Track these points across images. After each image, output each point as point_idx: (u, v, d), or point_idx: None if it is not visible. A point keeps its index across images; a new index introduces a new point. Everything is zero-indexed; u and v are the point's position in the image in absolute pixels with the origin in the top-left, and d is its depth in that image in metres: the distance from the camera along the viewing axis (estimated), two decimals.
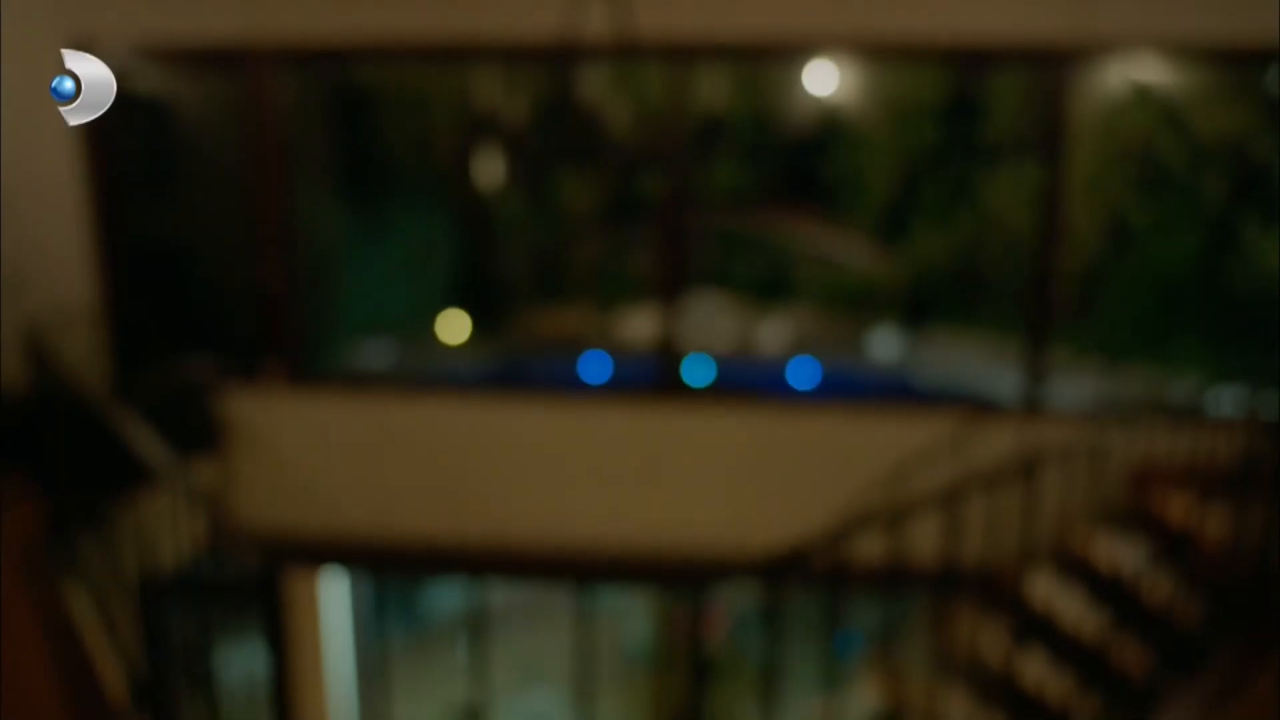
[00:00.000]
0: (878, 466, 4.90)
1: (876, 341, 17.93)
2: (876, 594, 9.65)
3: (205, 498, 5.08)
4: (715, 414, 5.11)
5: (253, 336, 5.32)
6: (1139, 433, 4.76)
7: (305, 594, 5.78)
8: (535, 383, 15.27)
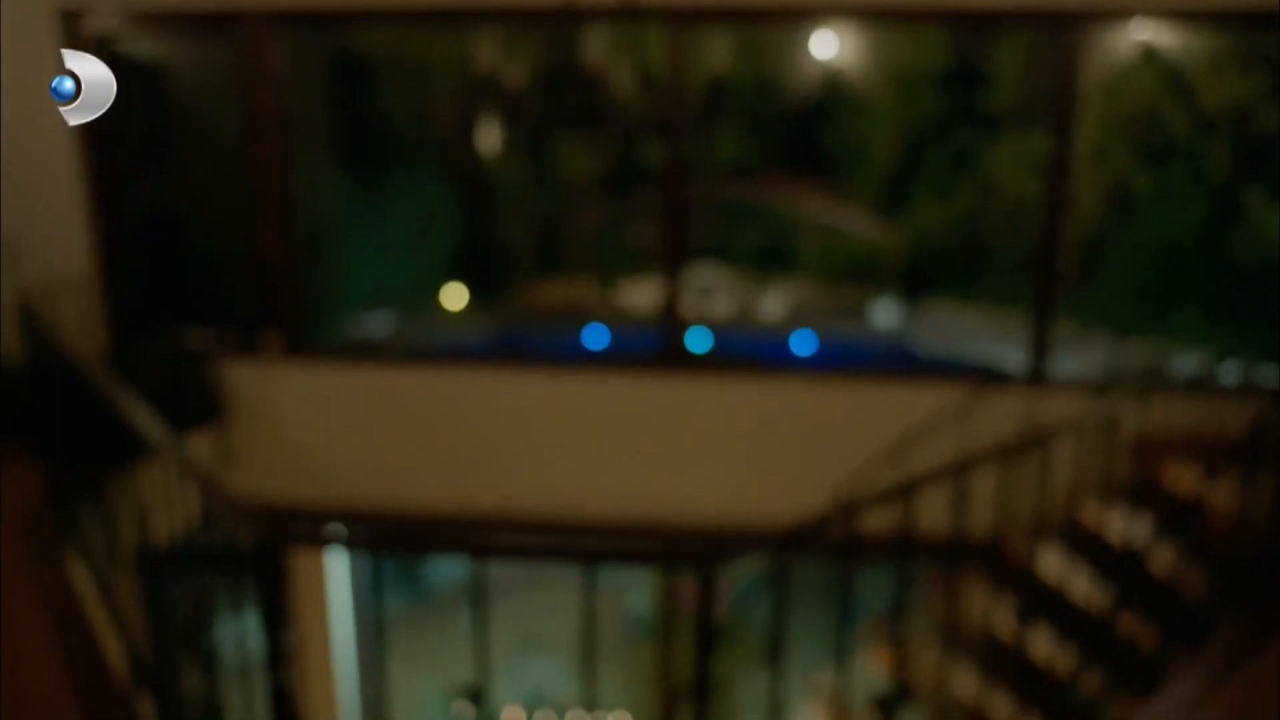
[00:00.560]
0: (881, 437, 4.88)
1: (878, 312, 17.88)
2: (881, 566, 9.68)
3: (204, 469, 5.10)
4: (718, 384, 5.08)
5: (252, 307, 5.28)
6: (1144, 404, 4.74)
7: (308, 565, 5.77)
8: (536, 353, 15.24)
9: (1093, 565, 2.64)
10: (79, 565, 3.27)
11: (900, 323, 18.00)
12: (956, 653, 4.21)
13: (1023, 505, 4.78)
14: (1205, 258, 13.44)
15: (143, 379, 4.40)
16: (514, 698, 8.80)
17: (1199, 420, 4.66)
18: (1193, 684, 2.65)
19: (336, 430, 5.29)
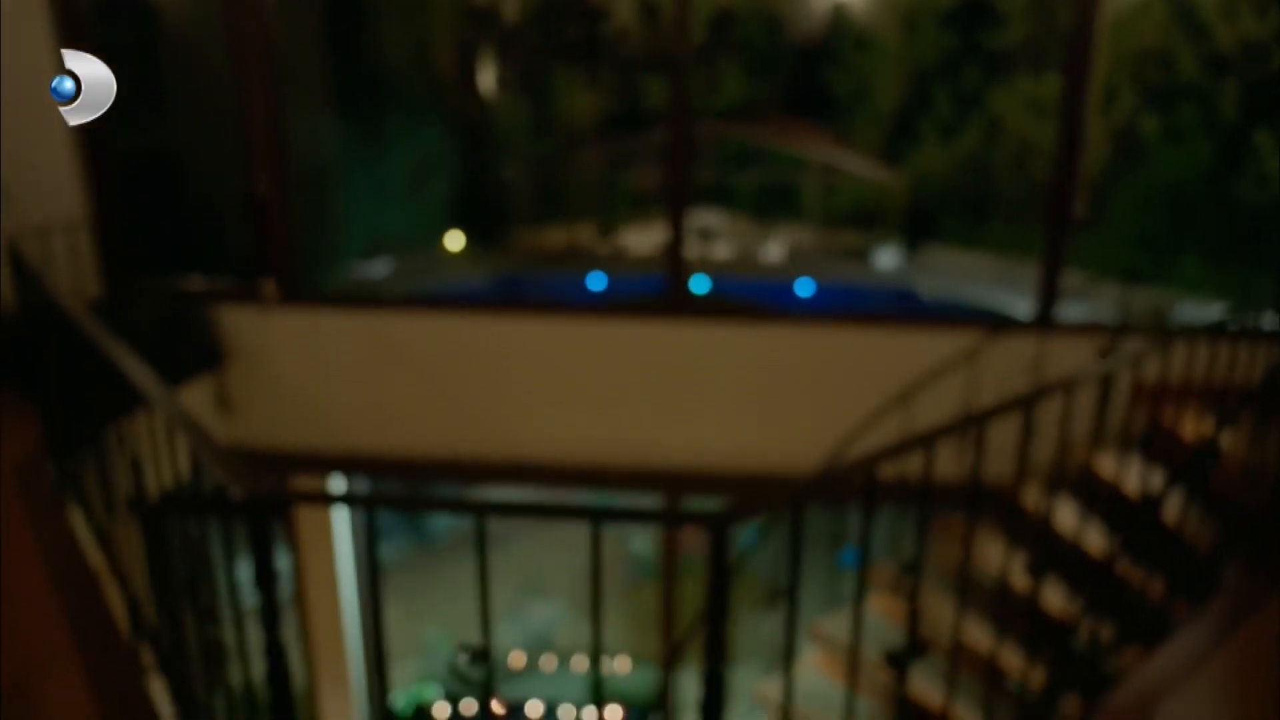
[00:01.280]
0: (886, 382, 4.83)
1: (880, 257, 17.80)
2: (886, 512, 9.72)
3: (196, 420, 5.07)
4: (721, 329, 5.02)
5: (249, 252, 5.18)
6: (1153, 350, 4.69)
7: (311, 511, 5.77)
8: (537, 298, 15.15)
9: (1101, 514, 2.61)
10: (77, 515, 3.25)
11: (903, 268, 17.93)
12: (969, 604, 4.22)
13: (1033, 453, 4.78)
14: (1213, 202, 13.32)
15: (138, 325, 4.35)
16: (517, 642, 8.91)
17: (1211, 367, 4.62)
18: (1200, 635, 2.63)
19: (336, 377, 5.24)
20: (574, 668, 8.59)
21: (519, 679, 8.49)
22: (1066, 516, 3.31)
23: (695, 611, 5.74)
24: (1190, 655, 2.52)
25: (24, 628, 2.53)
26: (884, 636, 4.44)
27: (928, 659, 3.96)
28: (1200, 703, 2.33)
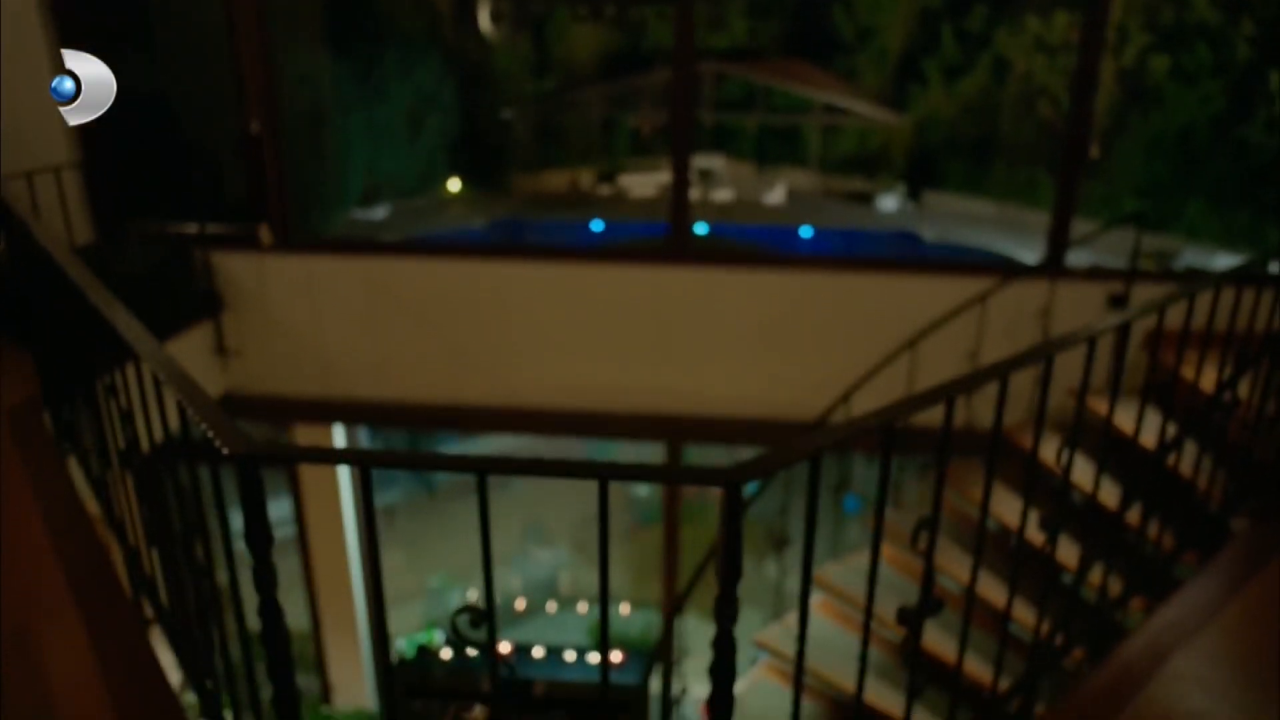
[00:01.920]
0: (892, 327, 4.78)
1: (885, 202, 17.62)
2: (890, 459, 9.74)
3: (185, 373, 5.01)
4: (725, 274, 4.94)
5: (244, 197, 5.08)
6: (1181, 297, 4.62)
7: None
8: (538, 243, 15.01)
9: (1111, 463, 2.57)
10: (74, 465, 3.21)
11: (906, 213, 17.77)
12: (962, 546, 4.21)
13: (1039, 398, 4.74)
14: (1222, 146, 13.11)
15: (132, 272, 4.28)
16: (520, 587, 8.97)
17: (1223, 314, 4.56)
18: (1210, 587, 2.61)
19: (335, 324, 5.18)
20: (577, 612, 8.67)
21: (522, 623, 8.57)
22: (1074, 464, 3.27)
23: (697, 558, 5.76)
24: (1200, 607, 2.50)
25: (23, 577, 2.51)
26: (889, 584, 4.47)
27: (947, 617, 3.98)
28: (1211, 655, 2.31)
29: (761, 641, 4.34)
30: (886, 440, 1.39)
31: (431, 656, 6.29)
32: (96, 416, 2.47)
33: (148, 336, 1.62)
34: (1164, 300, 2.10)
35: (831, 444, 1.25)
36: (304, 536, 6.12)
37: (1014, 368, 1.63)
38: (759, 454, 1.19)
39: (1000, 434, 1.73)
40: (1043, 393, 1.79)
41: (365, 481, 1.23)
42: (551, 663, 6.22)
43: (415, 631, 8.01)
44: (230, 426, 1.21)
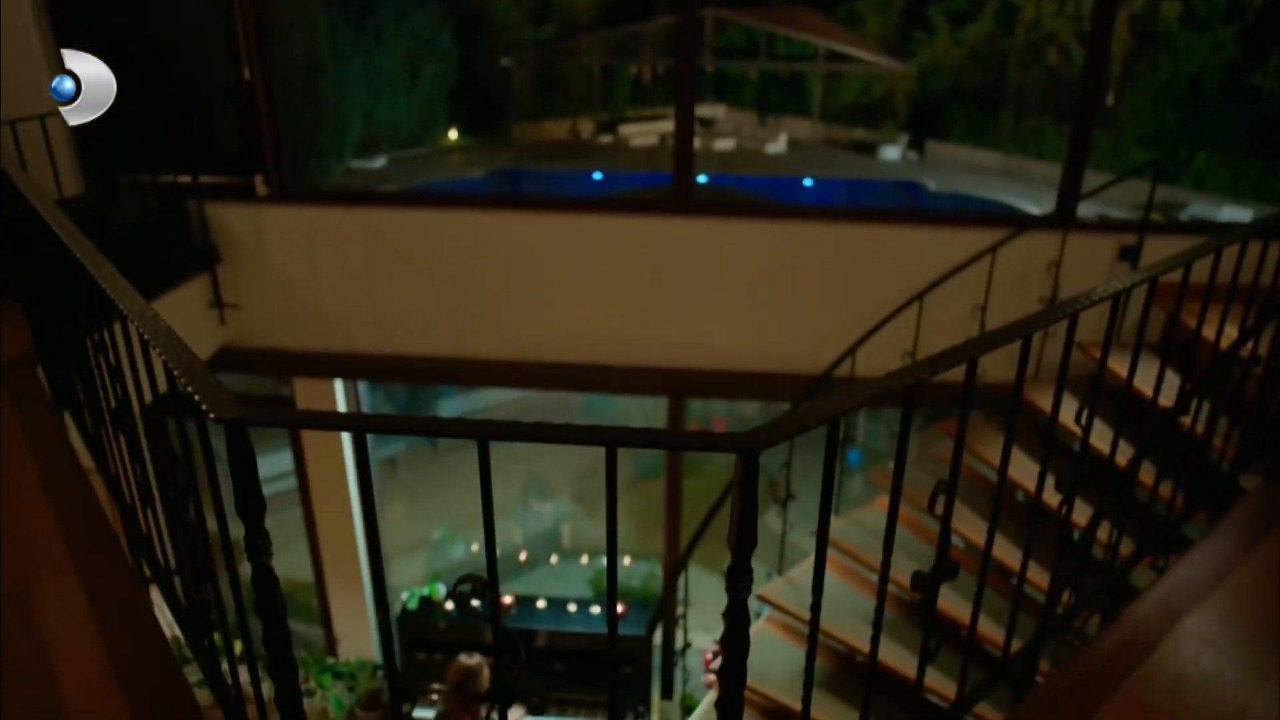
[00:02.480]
0: (897, 280, 4.72)
1: (888, 153, 17.40)
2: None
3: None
4: (729, 225, 4.85)
5: (239, 147, 4.97)
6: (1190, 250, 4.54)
7: (319, 399, 5.70)
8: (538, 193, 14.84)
9: (1122, 420, 2.52)
10: (70, 421, 3.16)
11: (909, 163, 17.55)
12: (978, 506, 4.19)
13: (1048, 355, 4.67)
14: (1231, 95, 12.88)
15: (124, 224, 4.19)
16: (522, 538, 9.00)
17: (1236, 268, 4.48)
18: (1221, 546, 2.57)
19: (333, 276, 5.10)
20: (579, 563, 8.71)
21: (524, 574, 8.62)
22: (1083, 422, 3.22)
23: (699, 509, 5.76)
24: (1211, 567, 2.46)
25: (19, 535, 2.47)
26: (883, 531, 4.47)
27: None
28: (1222, 615, 2.28)
29: (764, 596, 4.34)
30: (907, 403, 1.33)
31: (434, 608, 6.33)
32: (88, 373, 2.42)
33: (134, 294, 1.55)
34: (1192, 254, 2.03)
35: (851, 408, 1.20)
36: (305, 489, 6.10)
37: (1037, 326, 1.57)
38: (774, 418, 1.13)
39: (1020, 395, 1.66)
40: (1066, 352, 1.73)
41: (361, 448, 1.17)
42: (554, 614, 6.25)
43: (418, 582, 8.05)
44: (218, 389, 1.16)
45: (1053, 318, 1.61)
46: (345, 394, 5.81)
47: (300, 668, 6.36)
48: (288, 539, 7.59)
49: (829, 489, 1.29)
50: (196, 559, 1.80)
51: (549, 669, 6.11)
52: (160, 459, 1.83)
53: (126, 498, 2.41)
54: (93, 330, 2.16)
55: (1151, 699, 2.08)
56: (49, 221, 2.00)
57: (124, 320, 1.52)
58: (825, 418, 1.17)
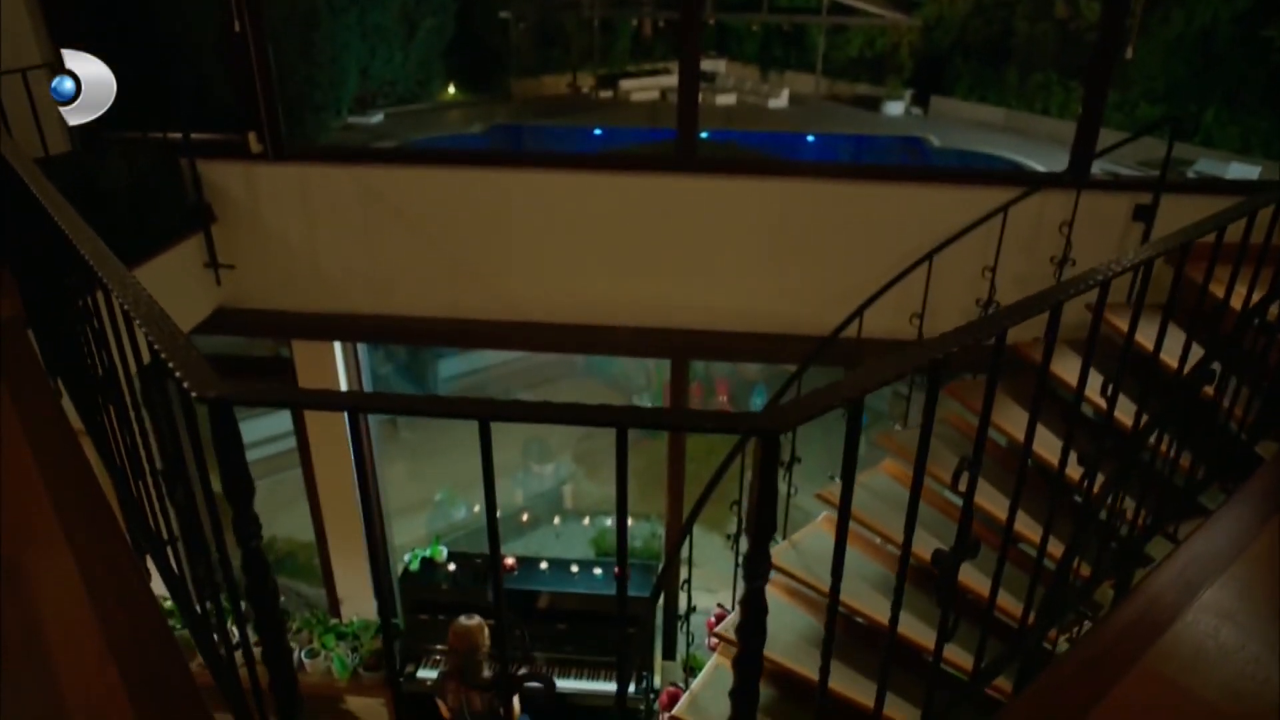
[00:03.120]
0: (905, 239, 4.62)
1: (892, 108, 17.14)
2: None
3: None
4: (735, 183, 4.74)
5: (232, 103, 4.83)
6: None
7: (316, 360, 5.64)
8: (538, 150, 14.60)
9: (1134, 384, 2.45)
10: (62, 389, 3.10)
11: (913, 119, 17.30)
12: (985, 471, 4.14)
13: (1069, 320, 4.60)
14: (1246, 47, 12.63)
15: (114, 183, 4.07)
16: (523, 499, 8.99)
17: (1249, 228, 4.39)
18: (1238, 516, 2.51)
19: (331, 236, 5.00)
20: (581, 524, 8.70)
21: (526, 534, 8.62)
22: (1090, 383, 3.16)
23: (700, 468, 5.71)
24: (1230, 537, 2.41)
25: (10, 504, 2.42)
26: (898, 501, 4.42)
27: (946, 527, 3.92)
28: (1241, 587, 2.23)
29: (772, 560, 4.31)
30: (934, 378, 1.26)
31: (436, 569, 6.32)
32: (75, 339, 2.34)
33: (115, 262, 1.47)
34: (1226, 216, 1.94)
35: (875, 384, 1.12)
36: (305, 449, 6.06)
37: (1069, 295, 1.49)
38: (795, 397, 1.05)
39: (1048, 368, 1.59)
40: (1095, 322, 1.65)
41: (354, 428, 1.10)
42: (556, 575, 6.24)
43: (420, 542, 8.05)
44: (201, 367, 1.08)
45: (1084, 285, 1.53)
46: (344, 355, 5.74)
47: (304, 628, 6.37)
48: (290, 498, 7.57)
49: (850, 467, 1.22)
50: (186, 532, 1.74)
51: (552, 630, 6.11)
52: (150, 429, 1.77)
53: (118, 464, 2.35)
54: (79, 296, 2.08)
55: (1171, 673, 2.04)
56: (30, 185, 1.91)
57: (105, 289, 1.44)
58: (848, 396, 1.10)
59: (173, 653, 2.15)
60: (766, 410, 1.03)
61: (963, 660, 3.40)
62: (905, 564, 1.51)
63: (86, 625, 2.11)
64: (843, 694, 3.81)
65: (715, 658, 4.38)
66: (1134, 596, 2.24)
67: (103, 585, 2.23)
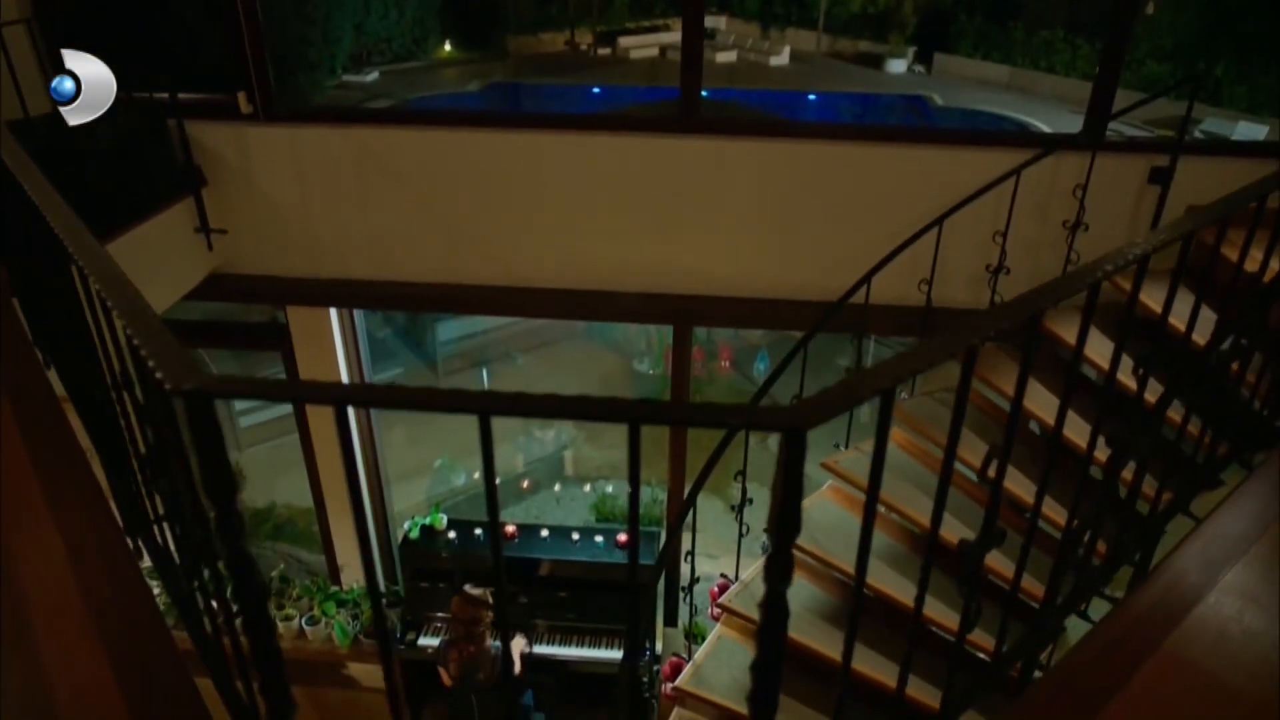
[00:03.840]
0: (913, 202, 4.51)
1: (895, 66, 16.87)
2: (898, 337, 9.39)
3: (185, 243, 4.74)
4: (736, 145, 4.61)
5: (221, 62, 4.68)
6: (1209, 172, 4.32)
7: (312, 325, 5.55)
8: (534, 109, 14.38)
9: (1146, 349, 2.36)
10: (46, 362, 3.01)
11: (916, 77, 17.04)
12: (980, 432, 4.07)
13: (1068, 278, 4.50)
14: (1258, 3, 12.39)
15: (97, 145, 3.94)
16: (523, 465, 8.94)
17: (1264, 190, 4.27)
18: (1260, 495, 2.44)
19: (325, 199, 4.87)
20: (581, 489, 8.67)
21: (527, 499, 8.58)
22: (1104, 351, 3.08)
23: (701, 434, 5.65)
24: (1253, 516, 2.34)
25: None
26: (900, 468, 4.36)
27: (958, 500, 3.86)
28: (1265, 568, 2.16)
29: None
30: (968, 365, 1.17)
31: (436, 537, 6.28)
32: (59, 311, 2.25)
33: (88, 240, 1.37)
34: (1270, 182, 1.83)
35: (908, 373, 1.04)
36: (302, 415, 5.99)
37: (1106, 275, 1.40)
38: (820, 392, 0.97)
39: (1081, 353, 1.50)
40: (1131, 303, 1.56)
41: (342, 422, 1.01)
42: (557, 543, 6.20)
43: (419, 508, 8.02)
44: (178, 355, 0.99)
45: (1121, 262, 1.43)
46: (340, 320, 5.64)
47: (304, 595, 6.35)
48: (289, 462, 7.52)
49: (880, 456, 1.14)
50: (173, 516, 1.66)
51: (553, 597, 6.08)
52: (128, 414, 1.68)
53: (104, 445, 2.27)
54: (59, 267, 1.98)
55: (1193, 657, 1.98)
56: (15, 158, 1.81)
57: (77, 265, 1.34)
58: (879, 387, 1.01)
59: (163, 636, 2.09)
60: (793, 406, 0.94)
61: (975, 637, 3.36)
62: (932, 550, 1.43)
63: (73, 608, 2.04)
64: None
65: (718, 628, 4.34)
66: (1154, 577, 2.18)
67: (90, 566, 2.16)
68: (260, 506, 7.51)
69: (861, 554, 1.27)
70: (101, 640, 1.95)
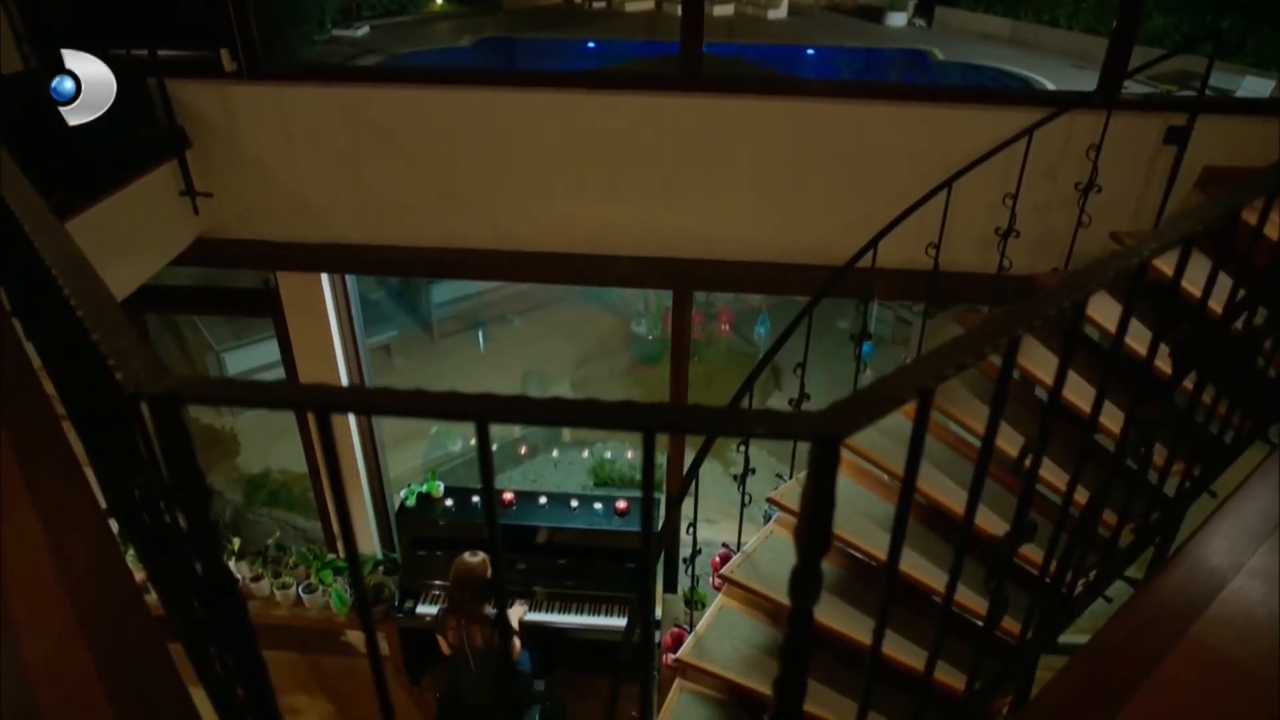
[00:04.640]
0: (920, 162, 4.39)
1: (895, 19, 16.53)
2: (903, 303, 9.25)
3: (169, 208, 4.59)
4: (738, 103, 4.46)
5: (203, 16, 4.50)
6: (1227, 131, 4.20)
7: (303, 290, 5.43)
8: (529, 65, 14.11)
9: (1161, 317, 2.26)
10: None
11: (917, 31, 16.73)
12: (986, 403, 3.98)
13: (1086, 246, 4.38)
14: None
15: None
16: (519, 430, 8.87)
17: None
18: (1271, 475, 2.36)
19: (313, 160, 4.72)
20: (579, 454, 8.60)
21: (525, 464, 8.53)
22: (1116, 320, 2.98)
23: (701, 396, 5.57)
24: (1276, 496, 2.26)
25: None
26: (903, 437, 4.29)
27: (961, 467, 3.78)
28: None
29: (774, 499, 4.20)
30: (1008, 359, 1.08)
31: (433, 504, 6.21)
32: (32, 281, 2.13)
33: (48, 220, 1.26)
34: None
35: (956, 371, 0.94)
36: (293, 375, 5.88)
37: (1154, 253, 1.29)
38: (855, 393, 0.87)
39: (1122, 341, 1.40)
40: (1174, 284, 1.45)
41: (324, 429, 0.91)
42: (556, 510, 6.15)
43: (414, 473, 7.96)
44: (140, 354, 0.89)
45: (1165, 243, 1.32)
46: (331, 285, 5.53)
47: (301, 564, 6.30)
48: (284, 428, 7.44)
49: (915, 457, 1.04)
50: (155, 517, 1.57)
51: (551, 564, 6.04)
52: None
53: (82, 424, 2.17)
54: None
55: (1219, 644, 1.91)
56: None
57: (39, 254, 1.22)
58: (921, 386, 0.91)
59: (146, 626, 2.01)
60: (826, 411, 0.84)
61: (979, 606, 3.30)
62: (965, 539, 1.34)
63: (56, 602, 1.96)
64: (842, 633, 3.73)
65: (720, 599, 4.30)
66: (1177, 560, 2.10)
67: (73, 556, 2.08)
68: (255, 473, 7.44)
69: (891, 560, 1.18)
70: (85, 637, 1.87)
